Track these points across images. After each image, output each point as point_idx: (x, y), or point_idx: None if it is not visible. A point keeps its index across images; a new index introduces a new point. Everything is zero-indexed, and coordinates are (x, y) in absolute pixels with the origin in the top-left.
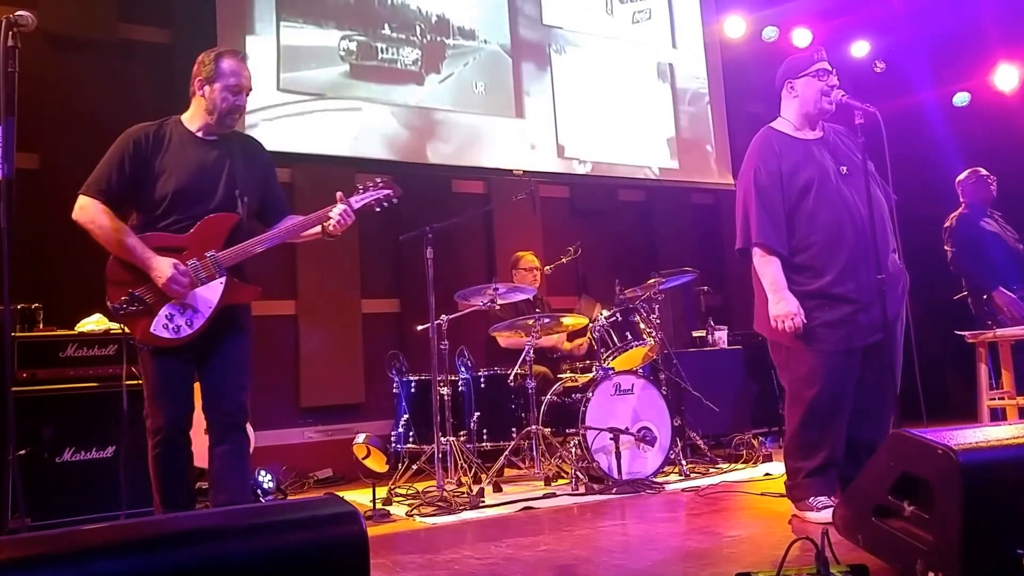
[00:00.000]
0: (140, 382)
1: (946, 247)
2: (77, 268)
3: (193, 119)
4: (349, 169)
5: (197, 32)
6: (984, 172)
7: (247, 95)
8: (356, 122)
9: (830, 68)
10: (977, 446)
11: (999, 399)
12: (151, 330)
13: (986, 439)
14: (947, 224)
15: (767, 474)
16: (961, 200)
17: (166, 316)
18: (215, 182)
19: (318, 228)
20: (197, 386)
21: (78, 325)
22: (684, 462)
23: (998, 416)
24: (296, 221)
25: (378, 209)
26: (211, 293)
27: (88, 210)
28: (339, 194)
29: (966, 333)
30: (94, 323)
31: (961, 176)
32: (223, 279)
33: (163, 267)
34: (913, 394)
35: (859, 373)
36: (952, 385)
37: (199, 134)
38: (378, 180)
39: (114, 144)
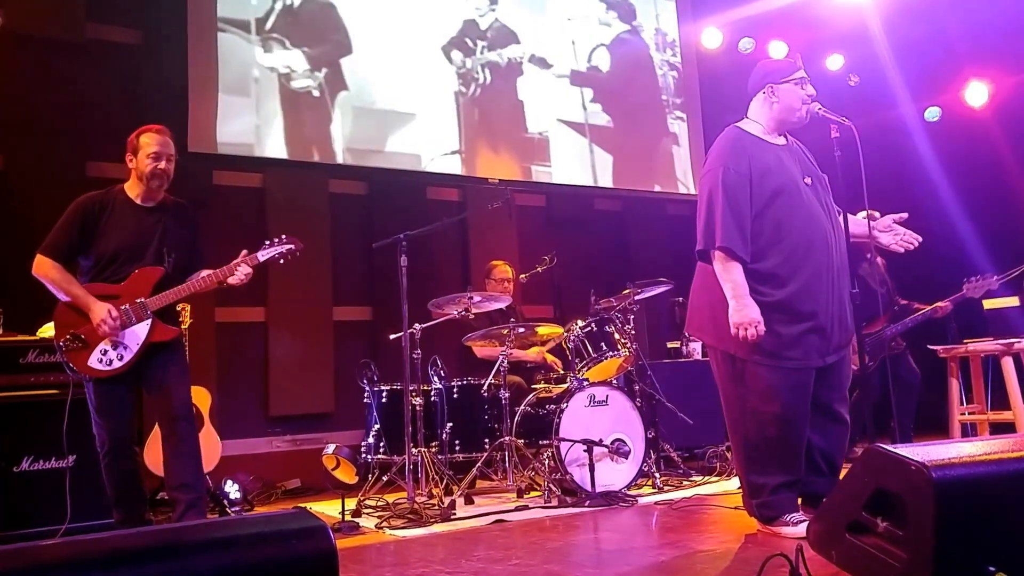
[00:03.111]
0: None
1: None
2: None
3: (132, 188)
4: (321, 174)
5: (168, 33)
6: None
7: (168, 161)
8: (331, 127)
9: (806, 76)
10: (950, 462)
11: (970, 414)
12: (88, 363)
13: (959, 455)
14: None
15: (740, 487)
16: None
17: (100, 351)
18: (148, 242)
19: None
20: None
21: (40, 330)
22: (658, 475)
23: (967, 431)
24: (207, 274)
25: (282, 261)
26: (140, 331)
27: (42, 266)
28: (244, 252)
29: (938, 348)
30: None
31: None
32: (150, 320)
33: (98, 311)
34: (887, 410)
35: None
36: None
37: (138, 201)
38: (283, 236)
39: (68, 210)
